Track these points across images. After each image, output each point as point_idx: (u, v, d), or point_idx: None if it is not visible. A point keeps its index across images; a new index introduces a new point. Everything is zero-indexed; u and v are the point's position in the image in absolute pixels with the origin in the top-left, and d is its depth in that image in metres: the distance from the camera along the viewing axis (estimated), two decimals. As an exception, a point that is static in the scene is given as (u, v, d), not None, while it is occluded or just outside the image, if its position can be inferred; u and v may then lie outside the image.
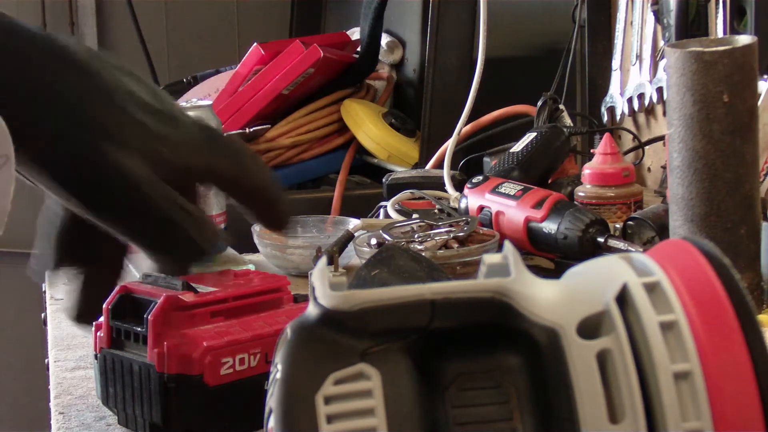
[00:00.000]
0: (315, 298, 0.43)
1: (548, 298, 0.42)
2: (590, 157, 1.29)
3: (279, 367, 0.42)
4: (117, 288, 0.74)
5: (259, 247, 1.20)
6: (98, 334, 0.76)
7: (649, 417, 0.40)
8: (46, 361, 0.95)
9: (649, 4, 1.54)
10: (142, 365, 0.73)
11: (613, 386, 0.40)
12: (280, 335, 0.44)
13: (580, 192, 1.22)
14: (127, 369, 0.75)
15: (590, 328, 0.41)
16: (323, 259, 0.46)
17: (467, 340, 0.42)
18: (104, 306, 0.75)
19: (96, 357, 0.77)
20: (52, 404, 0.83)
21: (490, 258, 0.45)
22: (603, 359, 0.41)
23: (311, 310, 0.43)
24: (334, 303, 0.42)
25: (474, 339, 0.42)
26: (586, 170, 1.23)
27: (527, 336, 0.41)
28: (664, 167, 1.52)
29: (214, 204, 1.19)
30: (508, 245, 0.45)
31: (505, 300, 0.42)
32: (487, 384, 0.42)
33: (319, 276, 0.44)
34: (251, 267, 1.19)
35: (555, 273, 0.89)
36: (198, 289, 0.76)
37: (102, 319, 0.76)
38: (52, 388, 0.86)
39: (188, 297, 0.74)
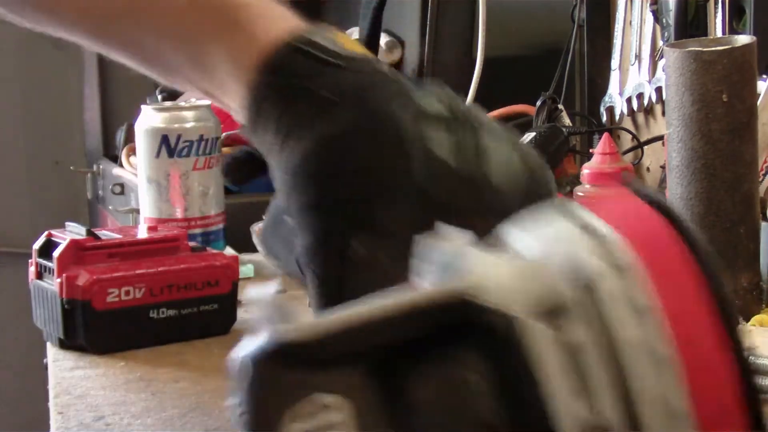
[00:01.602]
0: (266, 331, 0.40)
1: (503, 283, 0.40)
2: (589, 156, 1.29)
3: (239, 407, 0.40)
4: (45, 234, 0.96)
5: (258, 248, 1.20)
6: (31, 269, 0.96)
7: (624, 400, 0.39)
8: (44, 360, 0.95)
9: (648, 4, 1.54)
10: (51, 291, 0.92)
11: (582, 371, 0.39)
12: (236, 365, 0.41)
13: (579, 192, 1.22)
14: (45, 295, 0.94)
15: (551, 309, 0.40)
16: (274, 284, 0.42)
17: (430, 345, 0.41)
18: (33, 248, 0.96)
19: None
20: (50, 404, 0.82)
21: (440, 255, 0.42)
22: (567, 343, 0.40)
23: (264, 344, 0.40)
24: (286, 337, 0.40)
25: (437, 341, 0.41)
26: (585, 170, 1.23)
27: (486, 326, 0.40)
28: (663, 167, 1.52)
29: (213, 204, 1.19)
30: (445, 229, 0.43)
31: (464, 299, 0.40)
32: (455, 383, 0.41)
33: (268, 306, 0.41)
34: (250, 267, 1.19)
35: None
36: (101, 236, 0.95)
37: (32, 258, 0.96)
38: (50, 388, 0.86)
39: (89, 241, 0.94)
